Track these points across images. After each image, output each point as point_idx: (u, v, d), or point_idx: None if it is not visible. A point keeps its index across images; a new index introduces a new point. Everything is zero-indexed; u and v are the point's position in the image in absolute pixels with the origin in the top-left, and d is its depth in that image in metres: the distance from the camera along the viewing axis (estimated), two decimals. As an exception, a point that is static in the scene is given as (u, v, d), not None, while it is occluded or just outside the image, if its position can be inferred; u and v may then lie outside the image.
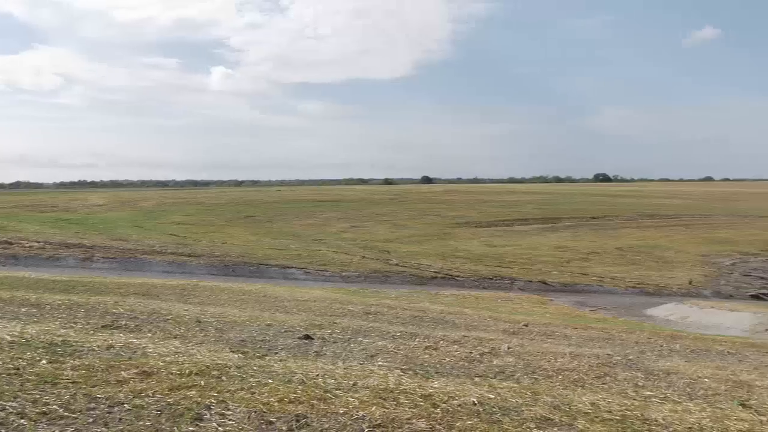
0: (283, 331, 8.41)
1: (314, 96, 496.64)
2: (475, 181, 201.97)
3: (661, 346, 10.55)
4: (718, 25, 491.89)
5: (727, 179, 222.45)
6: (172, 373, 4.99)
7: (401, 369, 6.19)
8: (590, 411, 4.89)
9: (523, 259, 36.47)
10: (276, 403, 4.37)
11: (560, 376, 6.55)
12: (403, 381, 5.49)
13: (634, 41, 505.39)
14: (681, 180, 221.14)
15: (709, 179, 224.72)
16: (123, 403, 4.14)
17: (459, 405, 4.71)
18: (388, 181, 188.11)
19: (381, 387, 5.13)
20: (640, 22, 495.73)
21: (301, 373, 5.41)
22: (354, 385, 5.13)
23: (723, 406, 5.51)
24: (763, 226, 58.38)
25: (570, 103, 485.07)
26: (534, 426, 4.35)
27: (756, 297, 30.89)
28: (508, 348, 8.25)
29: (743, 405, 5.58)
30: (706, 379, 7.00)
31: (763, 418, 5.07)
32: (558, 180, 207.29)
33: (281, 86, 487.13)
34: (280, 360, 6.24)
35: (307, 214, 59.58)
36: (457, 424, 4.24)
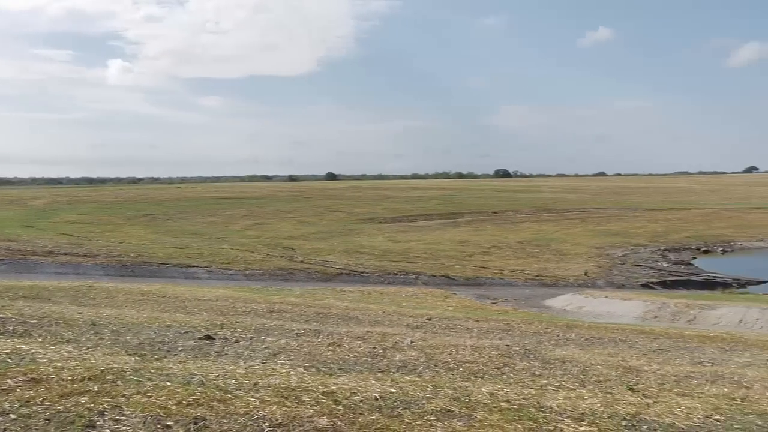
0: (183, 332, 8.21)
1: (216, 92, 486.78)
2: (380, 177, 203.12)
3: (558, 335, 10.94)
4: (612, 26, 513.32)
5: (619, 174, 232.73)
6: (63, 379, 4.77)
7: (304, 367, 6.15)
8: (489, 401, 5.00)
9: (427, 254, 37.03)
10: (174, 407, 4.25)
11: (461, 368, 6.68)
12: (306, 379, 5.46)
13: (532, 41, 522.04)
14: (576, 176, 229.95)
15: (602, 175, 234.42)
16: (8, 413, 3.93)
17: (361, 400, 4.72)
18: (292, 178, 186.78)
19: (283, 385, 5.08)
20: (538, 22, 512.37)
21: (201, 375, 5.29)
22: (255, 384, 5.06)
23: (613, 391, 5.76)
24: (652, 218, 61.54)
25: (472, 101, 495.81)
26: (434, 418, 4.41)
27: (646, 286, 32.51)
28: (411, 342, 8.35)
29: (632, 389, 5.86)
30: (598, 366, 7.30)
31: (650, 401, 5.33)
32: (461, 176, 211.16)
33: (181, 81, 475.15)
34: (180, 362, 6.08)
35: (210, 211, 58.40)
36: (359, 419, 4.25)
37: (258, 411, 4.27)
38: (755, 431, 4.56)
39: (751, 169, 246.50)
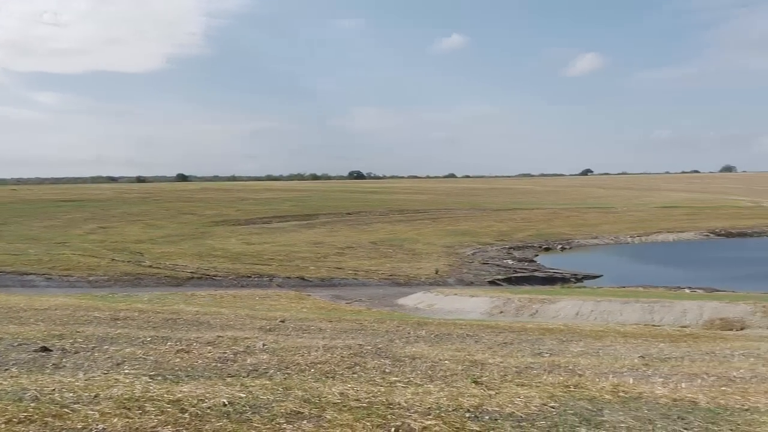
0: (16, 344, 7.66)
1: (54, 87, 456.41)
2: (233, 179, 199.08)
3: (409, 333, 11.19)
4: (465, 34, 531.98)
5: (468, 176, 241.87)
6: None
7: (149, 375, 5.93)
8: (339, 401, 5.04)
9: (282, 256, 36.75)
10: (3, 425, 3.96)
11: (313, 370, 6.69)
12: (151, 388, 5.26)
13: (387, 45, 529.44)
14: (428, 177, 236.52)
15: (452, 176, 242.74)
16: None
17: (209, 407, 4.61)
18: (140, 180, 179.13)
19: (126, 396, 4.87)
20: (394, 27, 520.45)
21: (35, 389, 4.96)
22: (96, 396, 4.82)
23: (459, 385, 5.97)
24: (498, 218, 64.43)
25: (326, 103, 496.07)
26: (284, 421, 4.39)
27: (493, 283, 33.98)
28: (263, 345, 8.25)
29: (476, 382, 6.10)
30: (446, 361, 7.54)
31: (492, 392, 5.58)
32: (315, 177, 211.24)
33: (15, 75, 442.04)
34: (11, 377, 5.67)
35: (48, 215, 54.83)
36: (206, 427, 4.15)
37: (97, 424, 4.07)
38: (585, 415, 4.88)
39: (586, 172, 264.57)
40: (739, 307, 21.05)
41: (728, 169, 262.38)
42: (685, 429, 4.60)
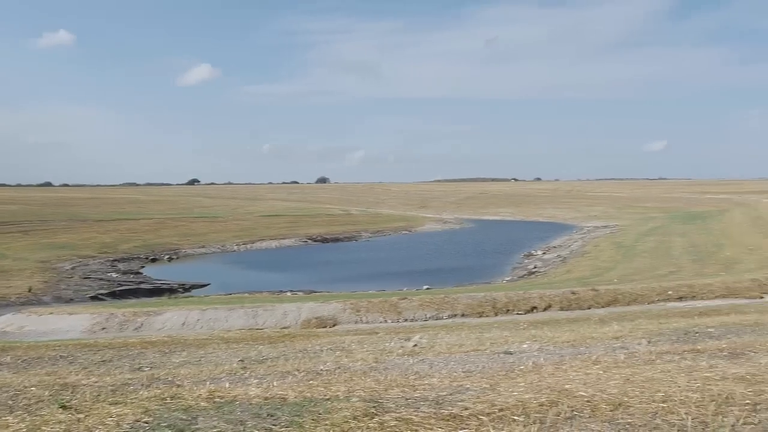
0: None
1: None
2: None
3: (-11, 361, 10.00)
4: (74, 31, 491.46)
5: (66, 185, 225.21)
6: None
7: None
8: None
9: None
10: None
11: None
12: None
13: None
14: (19, 186, 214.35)
15: (48, 185, 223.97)
16: None
17: None
18: None
19: None
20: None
21: None
22: None
23: (44, 413, 5.48)
24: (101, 229, 61.17)
25: None
26: None
27: (95, 298, 32.19)
28: None
29: (64, 407, 5.66)
30: (32, 388, 6.88)
31: (81, 415, 5.23)
32: None
33: None
34: None
35: None
36: None
37: None
38: (179, 425, 4.86)
39: (193, 182, 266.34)
40: (332, 306, 23.13)
41: (323, 180, 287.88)
42: (274, 425, 4.85)
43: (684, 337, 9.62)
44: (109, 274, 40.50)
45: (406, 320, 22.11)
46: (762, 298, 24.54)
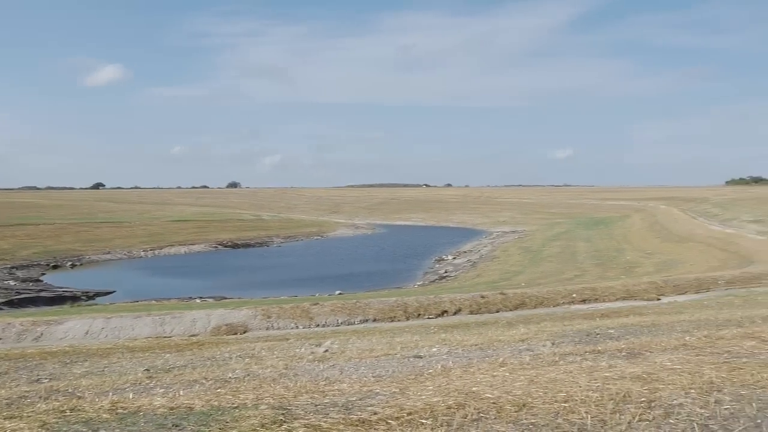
0: None
1: None
2: None
3: None
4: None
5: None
6: None
7: None
8: None
9: None
10: None
11: None
12: None
13: None
14: None
15: None
16: None
17: None
18: None
19: None
20: None
21: None
22: None
23: None
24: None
25: None
26: None
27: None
28: None
29: (-47, 424, 5.38)
30: None
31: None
32: None
33: None
34: None
35: None
36: None
37: None
38: (76, 439, 4.70)
39: (98, 186, 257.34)
40: (243, 312, 22.80)
41: (234, 185, 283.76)
42: (179, 434, 4.75)
43: (586, 339, 9.97)
44: (6, 282, 38.62)
45: (317, 326, 22.04)
46: (659, 300, 25.71)
